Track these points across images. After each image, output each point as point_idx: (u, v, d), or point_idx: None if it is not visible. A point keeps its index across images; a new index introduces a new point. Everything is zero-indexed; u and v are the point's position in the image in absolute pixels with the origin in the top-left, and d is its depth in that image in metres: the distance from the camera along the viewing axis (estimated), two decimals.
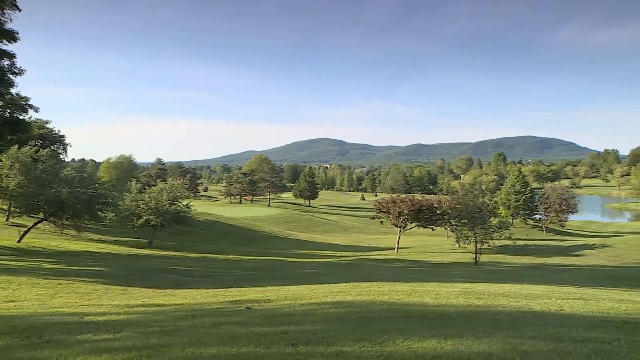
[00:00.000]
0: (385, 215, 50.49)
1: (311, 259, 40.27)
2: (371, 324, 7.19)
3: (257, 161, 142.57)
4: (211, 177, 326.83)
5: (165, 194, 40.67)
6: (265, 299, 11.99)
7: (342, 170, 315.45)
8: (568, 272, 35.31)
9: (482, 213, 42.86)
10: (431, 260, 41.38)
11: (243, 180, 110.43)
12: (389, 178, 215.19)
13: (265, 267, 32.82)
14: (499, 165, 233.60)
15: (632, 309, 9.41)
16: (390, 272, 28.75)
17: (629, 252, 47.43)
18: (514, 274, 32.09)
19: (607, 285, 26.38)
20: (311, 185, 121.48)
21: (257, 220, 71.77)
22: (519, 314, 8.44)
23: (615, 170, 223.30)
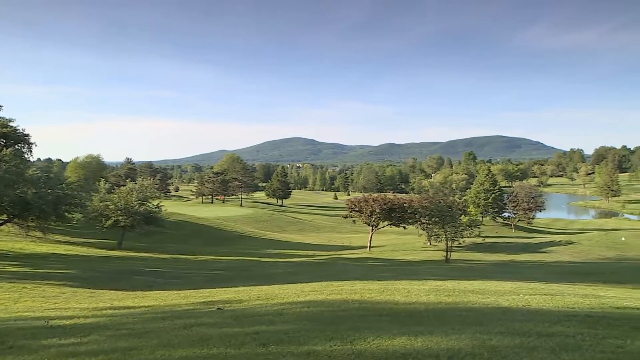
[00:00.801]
0: (358, 214, 50.77)
1: (284, 259, 40.20)
2: (343, 323, 7.22)
3: (229, 161, 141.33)
4: (182, 176, 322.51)
5: (134, 194, 40.02)
6: (237, 299, 11.92)
7: (315, 170, 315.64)
8: (536, 268, 36.14)
9: (452, 211, 43.52)
10: (403, 259, 41.79)
11: (215, 180, 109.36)
12: (361, 177, 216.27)
13: (237, 267, 32.63)
14: (469, 165, 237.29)
15: (595, 303, 9.69)
16: (362, 271, 28.93)
17: (594, 248, 48.85)
18: (483, 271, 32.68)
19: (573, 280, 27.13)
20: (284, 184, 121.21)
21: (229, 220, 71.20)
22: (488, 310, 8.59)
23: (580, 169, 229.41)
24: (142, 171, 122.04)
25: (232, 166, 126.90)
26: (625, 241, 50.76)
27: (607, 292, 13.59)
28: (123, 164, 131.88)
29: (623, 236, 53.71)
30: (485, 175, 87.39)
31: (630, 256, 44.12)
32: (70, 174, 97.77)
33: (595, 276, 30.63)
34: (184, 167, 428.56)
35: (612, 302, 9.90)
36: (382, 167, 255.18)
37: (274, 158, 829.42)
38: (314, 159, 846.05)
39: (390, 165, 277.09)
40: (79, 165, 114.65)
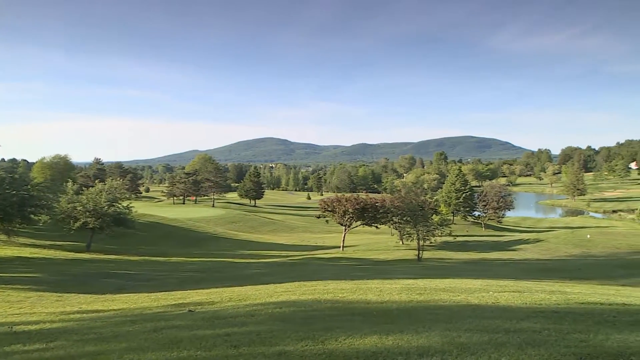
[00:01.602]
0: (331, 214, 50.90)
1: (257, 260, 40.01)
2: (315, 323, 7.22)
3: (200, 161, 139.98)
4: (153, 177, 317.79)
5: (104, 195, 39.28)
6: (208, 301, 11.81)
7: (288, 170, 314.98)
8: (505, 266, 36.86)
9: (424, 211, 44.01)
10: (376, 258, 42.09)
11: (186, 181, 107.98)
12: (334, 177, 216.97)
13: (209, 268, 32.33)
14: (440, 165, 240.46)
15: (562, 299, 9.92)
16: (335, 271, 29.02)
17: (560, 245, 50.06)
18: (454, 269, 33.17)
19: (541, 277, 27.78)
20: (256, 185, 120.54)
21: (201, 221, 70.48)
22: (458, 308, 8.72)
23: (547, 168, 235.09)
24: (111, 172, 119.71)
25: (204, 166, 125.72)
26: (590, 239, 52.18)
27: (573, 289, 13.92)
28: (92, 165, 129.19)
29: (588, 234, 55.20)
30: (456, 175, 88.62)
31: (594, 253, 45.36)
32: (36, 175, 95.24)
33: (562, 273, 31.43)
34: (154, 168, 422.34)
35: (578, 298, 10.15)
36: (355, 167, 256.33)
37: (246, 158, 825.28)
38: (287, 159, 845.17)
39: (363, 166, 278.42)
40: (45, 166, 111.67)
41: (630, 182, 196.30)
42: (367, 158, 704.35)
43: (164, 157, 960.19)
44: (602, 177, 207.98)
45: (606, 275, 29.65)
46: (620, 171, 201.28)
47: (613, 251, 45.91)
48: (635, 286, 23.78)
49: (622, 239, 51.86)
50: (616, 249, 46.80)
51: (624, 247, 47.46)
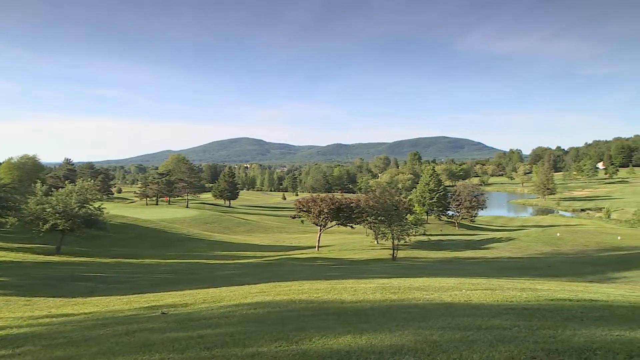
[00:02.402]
0: (306, 214, 50.87)
1: (231, 261, 39.75)
2: (289, 323, 7.21)
3: (174, 161, 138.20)
4: (125, 177, 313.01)
5: (74, 196, 38.46)
6: (182, 303, 11.68)
7: (263, 170, 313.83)
8: (478, 264, 37.42)
9: (398, 211, 44.36)
10: (351, 258, 42.25)
11: (159, 181, 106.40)
12: (309, 177, 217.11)
13: (183, 270, 32.00)
14: (415, 165, 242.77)
15: (532, 296, 10.12)
16: (310, 271, 29.04)
17: (531, 244, 51.09)
18: (428, 268, 33.52)
19: (512, 275, 28.28)
20: (231, 185, 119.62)
21: (175, 222, 69.63)
22: (431, 306, 8.81)
23: (519, 168, 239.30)
24: (82, 172, 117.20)
25: (178, 167, 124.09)
26: (560, 237, 53.39)
27: (543, 286, 14.20)
28: (62, 165, 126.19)
29: (558, 232, 56.48)
30: (430, 175, 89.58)
31: (564, 251, 46.45)
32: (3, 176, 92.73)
33: (532, 270, 32.07)
34: (127, 168, 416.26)
35: (547, 295, 10.37)
36: (330, 167, 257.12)
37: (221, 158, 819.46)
38: (262, 159, 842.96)
39: (338, 166, 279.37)
40: (13, 167, 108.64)
41: (598, 182, 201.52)
42: (342, 158, 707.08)
43: (137, 158, 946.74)
44: (571, 177, 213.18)
45: (575, 272, 30.38)
46: (588, 171, 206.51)
47: (582, 249, 47.09)
48: (602, 282, 24.45)
49: (590, 237, 53.22)
50: (585, 247, 48.01)
51: (592, 245, 48.70)
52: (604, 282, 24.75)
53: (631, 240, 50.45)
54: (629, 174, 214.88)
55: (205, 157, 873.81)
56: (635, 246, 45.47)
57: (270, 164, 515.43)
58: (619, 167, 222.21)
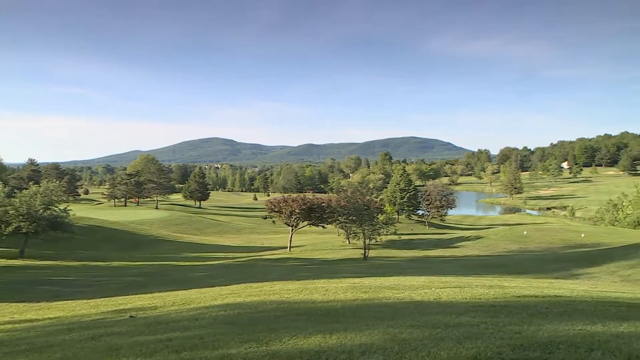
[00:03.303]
0: (277, 215, 50.70)
1: (202, 262, 39.34)
2: (259, 324, 7.18)
3: (143, 161, 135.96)
4: (92, 178, 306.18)
5: (39, 197, 37.43)
6: (151, 306, 11.50)
7: (234, 170, 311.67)
8: (447, 263, 37.92)
9: (369, 210, 44.58)
10: (322, 258, 42.28)
11: (128, 182, 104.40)
12: (281, 178, 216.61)
13: (153, 272, 31.51)
14: (385, 165, 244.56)
15: (500, 293, 10.33)
16: (282, 271, 28.94)
17: (499, 242, 52.08)
18: (399, 267, 33.81)
19: (481, 273, 28.76)
20: (202, 186, 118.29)
21: (144, 223, 68.47)
22: (401, 305, 8.89)
23: (487, 168, 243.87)
24: (47, 173, 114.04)
25: (147, 167, 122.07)
26: (526, 235, 54.57)
27: (511, 283, 14.50)
28: (25, 166, 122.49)
29: (525, 230, 57.70)
30: (401, 175, 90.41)
31: (531, 248, 47.48)
32: None
33: (500, 268, 32.66)
34: (94, 169, 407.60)
35: (514, 292, 10.59)
36: (301, 168, 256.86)
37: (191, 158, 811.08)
38: (233, 159, 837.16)
39: (310, 166, 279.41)
40: None
41: (563, 181, 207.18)
42: (314, 158, 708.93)
43: (104, 158, 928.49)
44: (537, 176, 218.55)
45: (541, 269, 31.06)
46: (554, 170, 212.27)
47: (547, 246, 48.21)
48: (567, 279, 25.10)
49: (556, 235, 54.52)
50: (550, 244, 49.17)
51: (557, 243, 49.92)
52: (568, 279, 25.42)
53: (594, 237, 51.91)
54: (592, 173, 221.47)
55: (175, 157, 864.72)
56: (598, 243, 46.82)
57: (242, 164, 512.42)
58: (582, 167, 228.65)
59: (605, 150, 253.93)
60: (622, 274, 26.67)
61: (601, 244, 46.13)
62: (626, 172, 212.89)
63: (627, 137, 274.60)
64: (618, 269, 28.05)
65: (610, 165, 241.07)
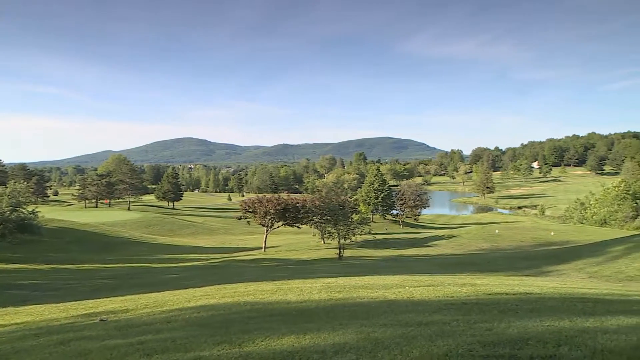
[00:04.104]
0: (252, 215, 50.44)
1: (176, 264, 38.89)
2: (233, 326, 7.13)
3: (114, 162, 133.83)
4: (62, 179, 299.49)
5: (5, 199, 36.52)
6: (122, 309, 11.30)
7: (208, 171, 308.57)
8: (421, 261, 38.30)
9: (344, 210, 44.76)
10: (298, 258, 42.24)
11: (99, 183, 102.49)
12: (255, 178, 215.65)
13: (125, 274, 31.00)
14: (360, 165, 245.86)
15: (471, 291, 10.48)
16: (257, 272, 28.80)
17: (472, 240, 52.87)
18: (374, 266, 34.02)
19: (454, 271, 29.15)
20: (175, 186, 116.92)
21: (116, 225, 67.29)
22: (375, 304, 8.94)
23: (460, 168, 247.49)
24: (14, 174, 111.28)
25: (119, 167, 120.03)
26: (498, 233, 55.51)
27: (483, 281, 14.71)
28: None
29: (497, 229, 58.70)
30: (375, 175, 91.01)
31: (502, 246, 48.33)
32: None
33: (473, 266, 33.16)
34: (64, 169, 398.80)
35: (486, 290, 10.75)
36: (276, 168, 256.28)
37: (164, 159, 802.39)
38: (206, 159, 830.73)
39: (285, 166, 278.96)
40: None
41: (533, 181, 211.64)
42: (289, 158, 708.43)
43: (75, 158, 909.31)
44: (509, 176, 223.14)
45: (512, 267, 31.64)
46: (524, 170, 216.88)
47: (518, 244, 49.14)
48: (537, 276, 25.63)
49: (527, 233, 55.61)
50: (521, 243, 50.13)
51: (528, 241, 50.93)
52: (538, 276, 25.95)
53: (563, 235, 53.13)
54: (561, 173, 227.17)
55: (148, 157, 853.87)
56: (567, 241, 47.96)
57: (216, 165, 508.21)
58: (552, 167, 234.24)
59: (573, 150, 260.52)
60: (589, 271, 27.37)
61: (570, 241, 47.26)
62: (593, 171, 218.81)
63: (594, 137, 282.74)
64: (586, 266, 28.78)
65: (578, 165, 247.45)
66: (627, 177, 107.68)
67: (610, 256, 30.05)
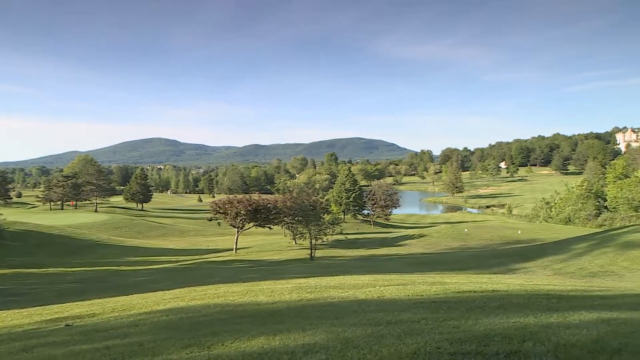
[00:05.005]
0: (223, 217, 49.98)
1: (145, 266, 38.28)
2: (202, 328, 7.06)
3: (81, 162, 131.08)
4: (26, 181, 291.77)
5: None
6: (89, 313, 11.05)
7: (178, 172, 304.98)
8: (392, 261, 38.64)
9: (315, 210, 44.83)
10: (269, 259, 42.08)
11: (65, 184, 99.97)
12: (226, 179, 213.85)
13: (92, 278, 30.37)
14: (331, 165, 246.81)
15: (440, 289, 10.63)
16: (228, 274, 28.59)
17: (442, 239, 53.65)
18: (345, 266, 34.15)
19: (424, 270, 29.54)
20: (144, 187, 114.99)
21: (83, 227, 65.78)
22: (345, 304, 8.98)
23: (429, 168, 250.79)
24: None
25: (85, 168, 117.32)
26: (467, 232, 56.46)
27: (452, 279, 14.94)
28: None
29: (466, 228, 59.69)
30: (346, 175, 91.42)
31: (471, 245, 49.20)
32: None
33: (443, 265, 33.64)
34: (27, 170, 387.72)
35: (454, 288, 10.92)
36: (247, 168, 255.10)
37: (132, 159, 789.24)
38: (176, 160, 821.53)
39: (256, 166, 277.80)
40: None
41: (501, 180, 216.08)
42: (260, 159, 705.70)
43: (39, 159, 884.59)
44: (477, 176, 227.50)
45: (481, 265, 32.23)
46: (492, 170, 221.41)
47: (487, 243, 50.11)
48: (504, 273, 26.16)
49: (495, 232, 56.75)
50: (489, 241, 51.13)
51: (496, 239, 51.99)
52: (506, 273, 26.49)
53: (530, 233, 54.43)
54: (528, 172, 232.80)
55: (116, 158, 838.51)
56: (533, 239, 49.15)
57: (186, 165, 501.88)
58: (519, 167, 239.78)
59: (539, 150, 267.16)
60: (554, 268, 28.11)
61: (536, 239, 48.45)
62: (558, 171, 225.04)
63: (558, 138, 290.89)
64: (551, 263, 29.55)
65: (544, 165, 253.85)
66: (589, 177, 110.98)
67: (574, 253, 30.94)
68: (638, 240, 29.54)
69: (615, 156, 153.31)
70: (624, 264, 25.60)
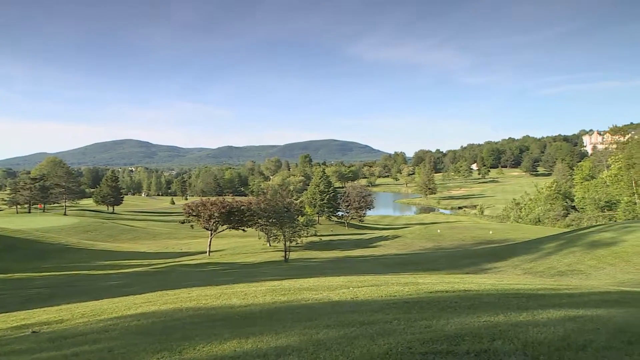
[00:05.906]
0: (196, 219, 49.50)
1: (116, 270, 37.57)
2: (174, 333, 6.97)
3: (49, 164, 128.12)
4: None
5: None
6: (57, 319, 10.77)
7: (150, 174, 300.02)
8: (366, 262, 38.88)
9: (290, 212, 44.74)
10: (243, 261, 41.84)
11: (32, 187, 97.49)
12: (199, 181, 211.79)
13: (61, 283, 29.66)
14: (306, 167, 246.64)
15: (413, 290, 10.72)
16: (201, 277, 28.31)
17: (415, 240, 54.20)
18: (320, 268, 34.21)
19: (398, 270, 29.81)
20: (115, 190, 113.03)
21: (51, 231, 64.24)
22: (319, 306, 8.97)
23: (403, 170, 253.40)
24: None
25: (54, 170, 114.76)
26: (440, 233, 57.19)
27: (425, 279, 15.08)
28: None
29: (439, 229, 60.47)
30: (321, 177, 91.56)
31: (444, 246, 49.84)
32: None
33: (416, 265, 34.01)
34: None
35: (427, 288, 11.02)
36: (221, 170, 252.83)
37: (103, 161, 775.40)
38: (148, 162, 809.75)
39: (230, 168, 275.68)
40: None
41: (473, 181, 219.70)
42: (234, 161, 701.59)
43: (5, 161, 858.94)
44: (450, 177, 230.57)
45: (454, 265, 32.69)
46: (464, 172, 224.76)
47: (459, 243, 50.84)
48: (477, 273, 26.60)
49: (467, 232, 57.63)
50: (462, 242, 51.89)
51: (468, 239, 52.80)
52: (478, 273, 26.94)
53: (501, 234, 55.44)
54: (499, 174, 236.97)
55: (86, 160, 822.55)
56: (504, 239, 50.08)
57: (158, 167, 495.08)
58: (490, 168, 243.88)
59: (509, 152, 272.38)
60: (524, 267, 28.70)
61: (507, 239, 49.36)
62: (528, 172, 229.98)
63: (528, 140, 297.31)
64: (521, 263, 30.16)
65: (514, 167, 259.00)
66: (558, 178, 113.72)
67: (544, 253, 31.64)
68: (604, 239, 30.38)
69: (582, 158, 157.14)
70: (590, 263, 26.31)
